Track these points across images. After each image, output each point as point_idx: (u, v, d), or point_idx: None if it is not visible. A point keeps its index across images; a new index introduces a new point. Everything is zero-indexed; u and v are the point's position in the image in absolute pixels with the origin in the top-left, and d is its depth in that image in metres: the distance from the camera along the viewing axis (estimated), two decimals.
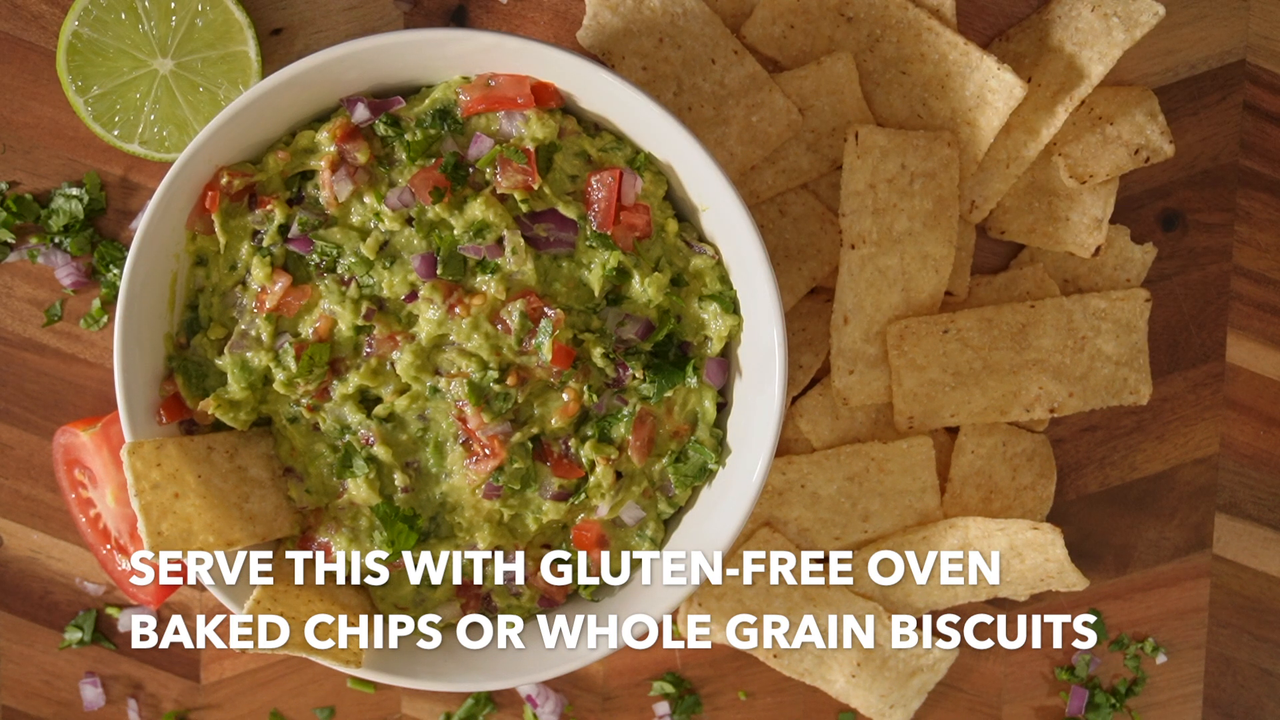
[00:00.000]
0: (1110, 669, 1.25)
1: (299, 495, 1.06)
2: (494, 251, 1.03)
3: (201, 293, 1.06)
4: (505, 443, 1.05)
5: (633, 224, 1.05)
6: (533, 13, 1.15)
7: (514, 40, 1.00)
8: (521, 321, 1.03)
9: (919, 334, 1.14)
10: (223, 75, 1.12)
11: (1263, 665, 1.26)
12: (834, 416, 1.17)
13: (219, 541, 1.01)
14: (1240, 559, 1.24)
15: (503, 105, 1.03)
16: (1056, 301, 1.15)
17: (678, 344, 1.08)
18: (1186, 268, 1.21)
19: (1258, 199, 1.20)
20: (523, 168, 1.03)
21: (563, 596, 1.11)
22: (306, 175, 1.05)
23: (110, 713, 1.22)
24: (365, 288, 1.04)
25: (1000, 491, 1.19)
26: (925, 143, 1.12)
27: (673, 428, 1.08)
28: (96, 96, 1.12)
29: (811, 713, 1.24)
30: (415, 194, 1.03)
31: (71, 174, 1.16)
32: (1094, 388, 1.17)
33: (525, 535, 1.08)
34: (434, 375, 1.04)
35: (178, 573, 1.16)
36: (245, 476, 1.05)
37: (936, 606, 1.20)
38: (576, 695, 1.23)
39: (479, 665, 1.08)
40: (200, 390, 1.05)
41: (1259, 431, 1.23)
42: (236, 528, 1.02)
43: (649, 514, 1.10)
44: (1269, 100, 1.19)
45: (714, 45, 1.12)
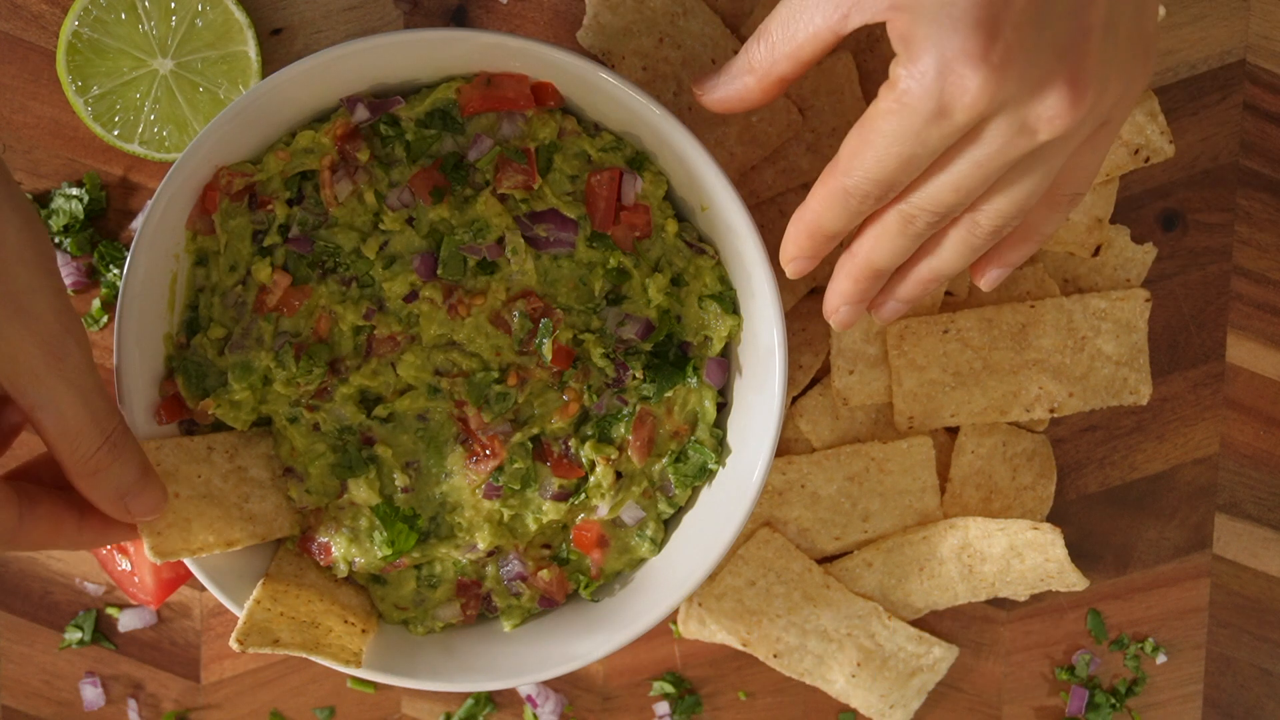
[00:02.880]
0: (1110, 669, 1.25)
1: (299, 495, 1.06)
2: (494, 251, 1.03)
3: (201, 293, 1.06)
4: (505, 443, 1.05)
5: (633, 224, 1.06)
6: (533, 13, 1.15)
7: (514, 40, 1.00)
8: (522, 322, 1.03)
9: (919, 334, 1.14)
10: (223, 75, 1.12)
11: (1263, 665, 1.26)
12: (834, 416, 1.17)
13: (218, 541, 1.01)
14: (1240, 559, 1.24)
15: (503, 105, 1.03)
16: (1056, 301, 1.15)
17: (678, 344, 1.08)
18: (1186, 268, 1.21)
19: (1258, 199, 1.20)
20: (523, 168, 1.03)
21: (563, 596, 1.11)
22: (306, 175, 1.05)
23: (110, 713, 1.22)
24: (365, 288, 1.04)
25: (1000, 491, 1.19)
26: None
27: (673, 428, 1.08)
28: (96, 96, 1.12)
29: (811, 713, 1.24)
30: (415, 194, 1.03)
31: (71, 174, 1.16)
32: (1094, 388, 1.17)
33: (525, 535, 1.08)
34: (434, 375, 1.04)
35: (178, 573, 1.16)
36: (245, 477, 1.04)
37: (936, 606, 1.20)
38: (576, 695, 1.23)
39: (479, 665, 1.08)
40: (200, 390, 1.05)
41: (1259, 431, 1.23)
42: (236, 528, 1.03)
43: (649, 514, 1.10)
44: (1269, 100, 1.19)
45: (714, 45, 1.12)
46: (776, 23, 0.92)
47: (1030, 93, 0.84)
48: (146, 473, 0.93)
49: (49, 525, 0.91)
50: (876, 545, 1.18)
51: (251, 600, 1.03)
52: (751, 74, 0.95)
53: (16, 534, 0.89)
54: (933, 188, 0.90)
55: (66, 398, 0.86)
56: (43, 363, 0.84)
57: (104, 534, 0.95)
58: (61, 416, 0.86)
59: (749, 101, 0.96)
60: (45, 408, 0.86)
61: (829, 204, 0.93)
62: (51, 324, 0.85)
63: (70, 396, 0.86)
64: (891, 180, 0.89)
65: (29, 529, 0.90)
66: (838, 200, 0.92)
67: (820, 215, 0.94)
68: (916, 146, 0.86)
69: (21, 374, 0.84)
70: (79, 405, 0.87)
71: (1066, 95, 0.84)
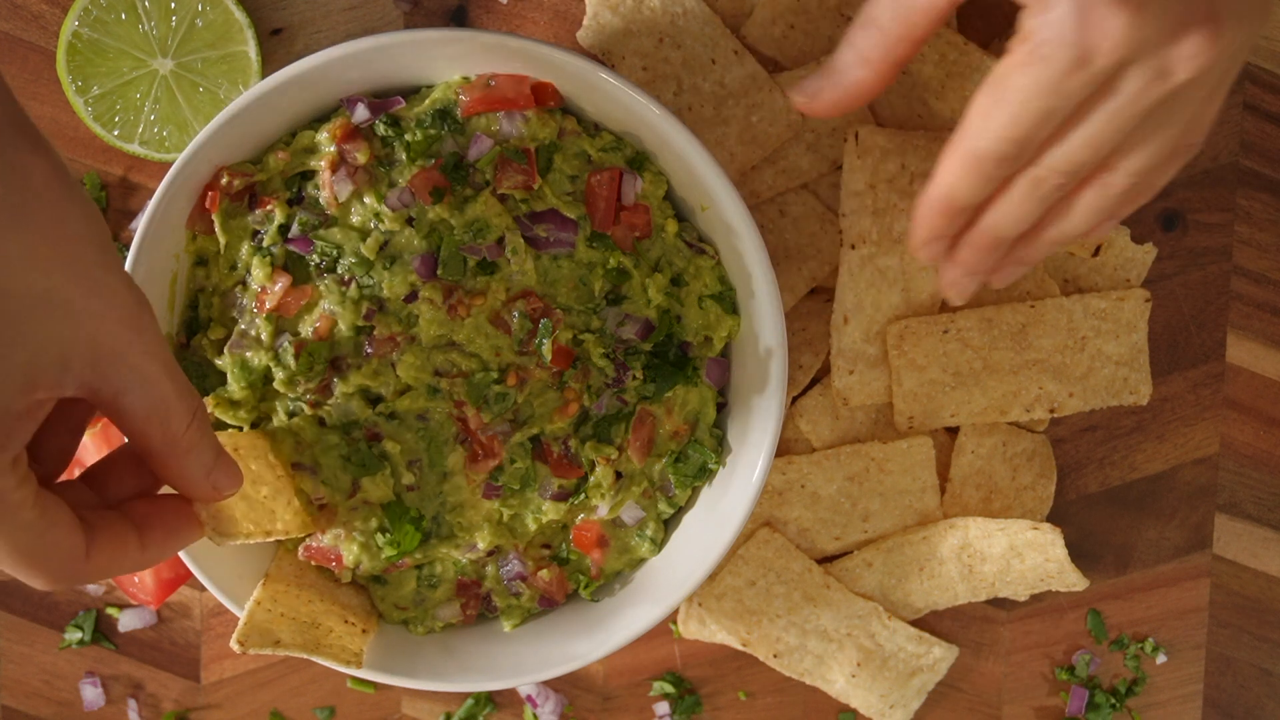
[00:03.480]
0: (1110, 669, 1.25)
1: (312, 487, 1.04)
2: (494, 251, 1.03)
3: (201, 293, 1.06)
4: (505, 443, 1.05)
5: (633, 224, 1.06)
6: (533, 13, 1.15)
7: (514, 40, 1.00)
8: (521, 322, 1.03)
9: (919, 334, 1.14)
10: (223, 75, 1.12)
11: (1263, 665, 1.26)
12: (834, 416, 1.17)
13: (258, 530, 0.97)
14: (1240, 559, 1.24)
15: (503, 105, 1.03)
16: (1056, 301, 1.15)
17: (678, 344, 1.08)
18: (1186, 268, 1.21)
19: (1258, 199, 1.20)
20: (523, 168, 1.03)
21: (562, 596, 1.11)
22: (306, 175, 1.05)
23: (110, 713, 1.22)
24: (365, 288, 1.04)
25: (1000, 491, 1.19)
26: (925, 143, 1.12)
27: (673, 428, 1.08)
28: (96, 96, 1.12)
29: (811, 713, 1.24)
30: (415, 194, 1.03)
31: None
32: (1094, 388, 1.17)
33: (525, 535, 1.08)
34: (434, 375, 1.04)
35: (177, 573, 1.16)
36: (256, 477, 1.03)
37: (936, 606, 1.20)
38: (576, 695, 1.23)
39: (479, 665, 1.08)
40: (201, 390, 1.05)
41: (1259, 431, 1.23)
42: (267, 519, 1.00)
43: (649, 514, 1.10)
44: (1269, 100, 1.19)
45: (714, 45, 1.12)
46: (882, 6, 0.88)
47: (1168, 33, 0.81)
48: (220, 447, 0.89)
49: (115, 549, 0.84)
50: (876, 545, 1.18)
51: (252, 601, 1.03)
52: (865, 66, 0.91)
53: (85, 566, 0.82)
54: (1066, 146, 0.87)
55: (154, 373, 0.80)
56: (125, 340, 0.79)
57: (164, 546, 0.88)
58: (150, 395, 0.80)
59: (865, 97, 0.93)
60: (132, 389, 0.80)
61: (961, 173, 0.89)
62: (126, 297, 0.79)
63: (157, 371, 0.81)
64: (1027, 139, 0.86)
65: (96, 557, 0.83)
66: (970, 167, 0.88)
67: (953, 187, 0.90)
68: (1055, 100, 0.83)
69: (104, 357, 0.78)
70: (166, 380, 0.81)
71: (1206, 32, 0.81)
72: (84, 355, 0.78)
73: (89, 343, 0.78)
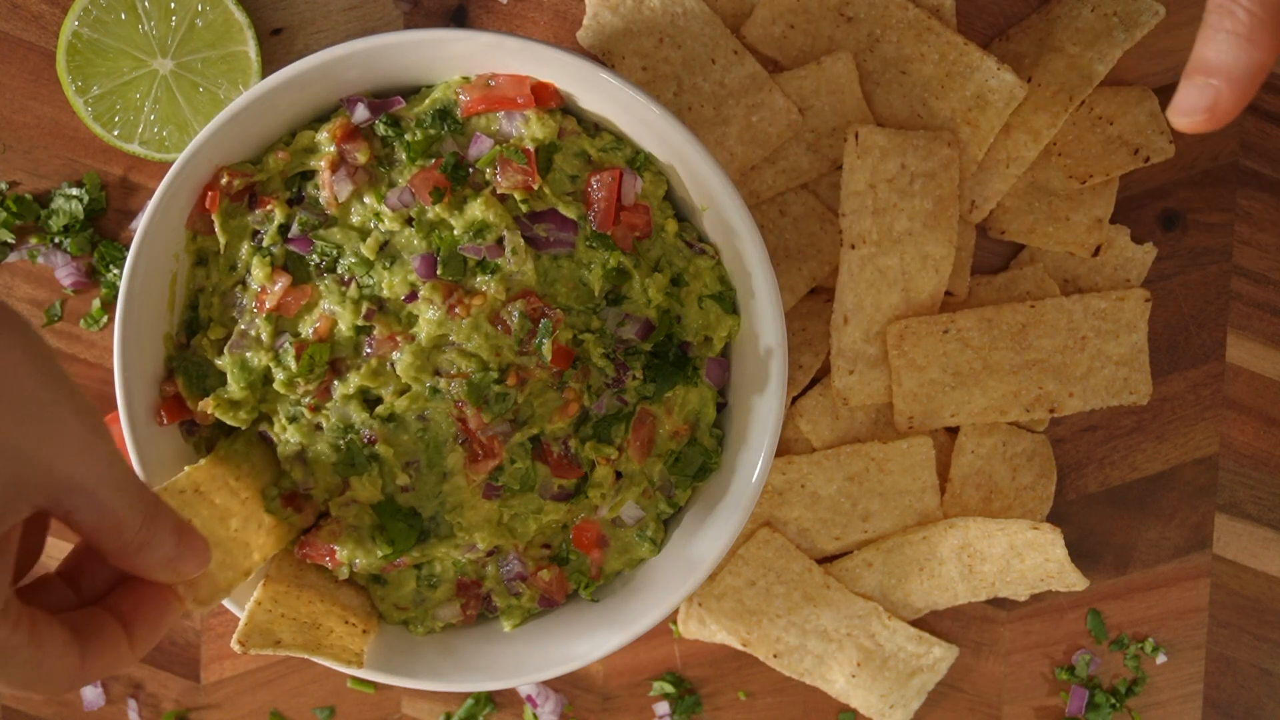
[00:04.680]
0: (1110, 669, 1.25)
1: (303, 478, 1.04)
2: (494, 252, 1.03)
3: (201, 293, 1.06)
4: (505, 443, 1.04)
5: (633, 224, 1.06)
6: (533, 13, 1.15)
7: (514, 40, 1.00)
8: (521, 322, 1.03)
9: (919, 334, 1.14)
10: (223, 75, 1.12)
11: (1263, 665, 1.26)
12: (834, 416, 1.17)
13: (237, 575, 0.98)
14: (1240, 559, 1.24)
15: (503, 105, 1.03)
16: (1056, 301, 1.15)
17: (678, 344, 1.08)
18: (1186, 268, 1.21)
19: (1258, 199, 1.20)
20: (523, 168, 1.03)
21: (562, 596, 1.11)
22: (306, 175, 1.05)
23: (110, 713, 1.22)
24: (365, 288, 1.04)
25: (1000, 491, 1.19)
26: (925, 143, 1.12)
27: (673, 428, 1.08)
28: (96, 96, 1.12)
29: (811, 713, 1.24)
30: (415, 194, 1.03)
31: (71, 174, 1.16)
32: (1094, 388, 1.17)
33: (525, 535, 1.08)
34: (434, 376, 1.04)
35: None
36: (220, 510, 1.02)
37: (936, 606, 1.20)
38: (576, 695, 1.23)
39: (479, 665, 1.08)
40: (200, 390, 1.05)
41: (1259, 431, 1.23)
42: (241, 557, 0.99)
43: (649, 514, 1.10)
44: (1269, 100, 1.19)
45: (714, 45, 1.12)
46: None
47: None
48: (183, 529, 0.89)
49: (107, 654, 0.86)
50: (876, 545, 1.18)
51: (252, 602, 1.03)
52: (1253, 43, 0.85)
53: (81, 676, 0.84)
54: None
55: (104, 494, 0.83)
56: (78, 470, 0.81)
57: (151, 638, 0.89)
58: (101, 513, 0.83)
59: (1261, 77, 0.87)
60: (83, 509, 0.82)
61: None
62: (77, 429, 0.81)
63: (107, 492, 0.83)
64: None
65: (90, 668, 0.85)
66: None
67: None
68: None
69: (58, 487, 0.81)
70: (116, 497, 0.84)
71: None
72: (38, 487, 0.80)
73: (45, 476, 0.80)
